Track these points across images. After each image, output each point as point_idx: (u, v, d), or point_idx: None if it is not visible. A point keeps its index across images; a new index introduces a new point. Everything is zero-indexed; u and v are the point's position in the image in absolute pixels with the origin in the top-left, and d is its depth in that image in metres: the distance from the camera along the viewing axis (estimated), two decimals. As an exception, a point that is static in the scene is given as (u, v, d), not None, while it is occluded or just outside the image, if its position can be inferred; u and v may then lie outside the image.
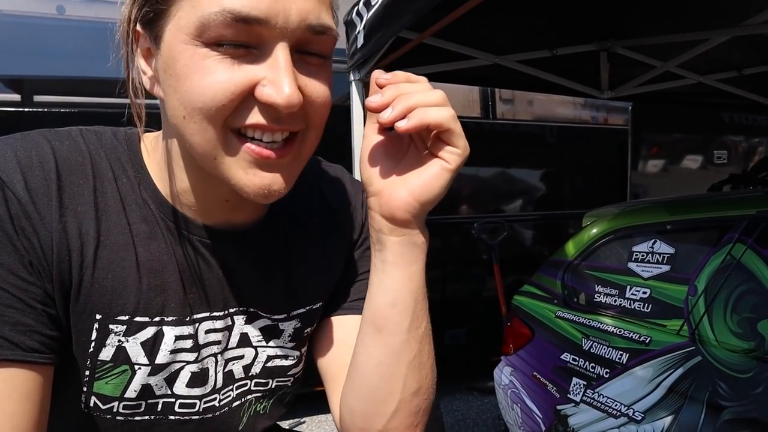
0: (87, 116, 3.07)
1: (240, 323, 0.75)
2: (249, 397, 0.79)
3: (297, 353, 0.80)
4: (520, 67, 3.06)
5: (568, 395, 1.94)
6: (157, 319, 0.67)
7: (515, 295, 2.41)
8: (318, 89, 0.60)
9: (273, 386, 0.80)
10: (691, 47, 3.09)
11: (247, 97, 0.56)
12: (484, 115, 4.23)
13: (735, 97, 3.91)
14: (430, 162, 0.63)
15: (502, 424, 3.00)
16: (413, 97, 0.60)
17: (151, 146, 0.69)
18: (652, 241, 1.91)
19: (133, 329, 0.66)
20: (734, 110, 4.79)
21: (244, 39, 0.55)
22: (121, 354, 0.66)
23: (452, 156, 0.62)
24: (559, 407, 1.97)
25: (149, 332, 0.67)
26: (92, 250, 0.63)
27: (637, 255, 1.94)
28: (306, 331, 0.80)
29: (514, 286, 2.69)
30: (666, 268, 1.83)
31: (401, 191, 0.64)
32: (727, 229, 1.70)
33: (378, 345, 0.69)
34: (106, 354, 0.65)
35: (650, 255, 1.90)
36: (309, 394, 1.64)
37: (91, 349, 0.65)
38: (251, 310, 0.75)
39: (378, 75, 0.63)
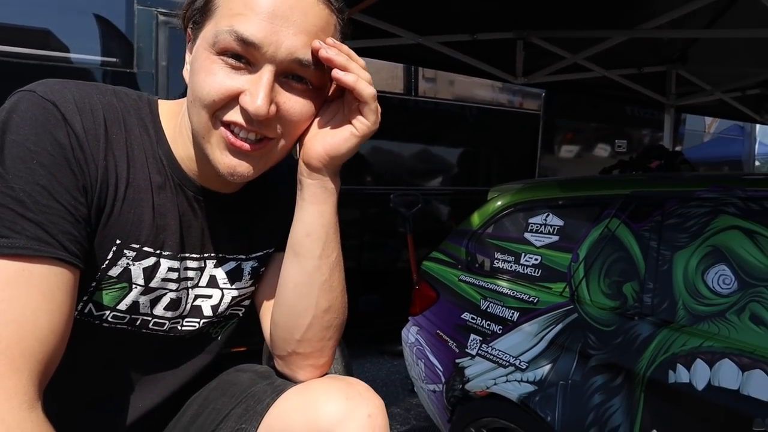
0: None
1: (210, 266, 0.92)
2: (209, 324, 0.96)
3: (252, 289, 0.98)
4: (441, 49, 3.22)
5: (466, 350, 2.16)
6: (158, 251, 0.83)
7: (424, 260, 2.61)
8: (294, 108, 0.77)
9: (228, 314, 0.98)
10: (597, 43, 3.38)
11: (234, 99, 0.74)
12: (406, 92, 4.40)
13: (635, 92, 4.28)
14: (343, 127, 0.81)
15: (410, 383, 3.23)
16: (356, 64, 0.78)
17: (169, 114, 0.85)
18: (546, 214, 2.15)
19: (140, 256, 0.81)
20: (635, 104, 5.22)
21: (242, 54, 0.72)
22: (125, 274, 0.81)
23: (362, 126, 0.80)
24: (457, 360, 2.19)
25: (150, 261, 0.83)
26: (123, 187, 0.78)
27: (532, 226, 2.17)
28: (261, 269, 0.98)
29: (426, 256, 2.89)
30: (555, 238, 2.07)
31: (317, 145, 0.82)
32: (606, 205, 1.95)
33: (295, 268, 0.87)
34: (115, 271, 0.80)
35: (543, 226, 2.13)
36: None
37: (104, 266, 0.79)
38: (220, 255, 0.92)
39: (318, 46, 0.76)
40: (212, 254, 0.91)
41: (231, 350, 1.08)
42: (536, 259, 2.10)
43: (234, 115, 0.74)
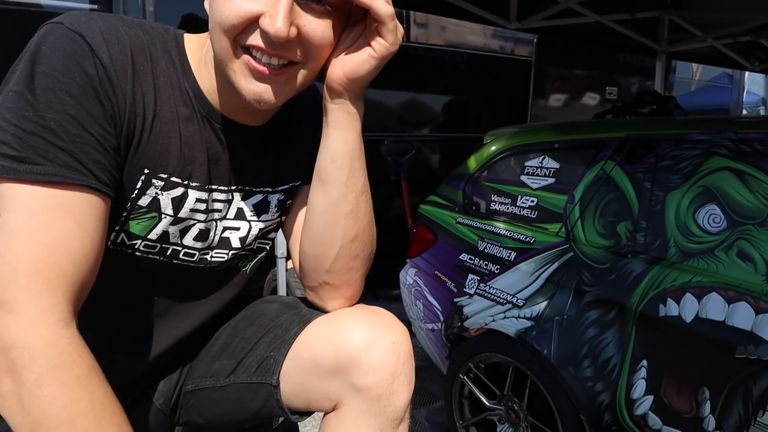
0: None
1: (237, 199, 0.94)
2: (237, 256, 0.99)
3: (278, 221, 1.01)
4: (435, -8, 3.20)
5: (464, 289, 2.24)
6: (185, 182, 0.85)
7: (421, 204, 2.66)
8: (315, 30, 0.76)
9: (255, 247, 1.01)
10: (591, -14, 3.36)
11: (253, 23, 0.73)
12: (399, 38, 4.35)
13: (627, 38, 4.28)
14: (363, 49, 0.80)
15: (408, 325, 3.32)
16: None
17: (194, 47, 0.85)
18: (542, 157, 2.20)
19: (168, 186, 0.83)
20: (627, 50, 5.21)
21: None
22: (154, 203, 0.83)
23: (380, 47, 0.79)
24: (455, 300, 2.27)
25: (179, 191, 0.85)
26: (150, 118, 0.79)
27: (528, 169, 2.23)
28: (288, 202, 1.01)
29: (420, 202, 2.94)
30: (551, 180, 2.13)
31: (337, 69, 0.81)
32: (601, 148, 2.00)
33: (322, 195, 0.89)
34: (144, 201, 0.82)
35: (539, 169, 2.18)
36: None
37: (134, 195, 0.81)
38: (247, 188, 0.94)
39: None
40: (239, 187, 0.93)
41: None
42: (533, 201, 2.16)
43: (255, 39, 0.74)
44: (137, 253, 0.87)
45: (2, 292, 0.66)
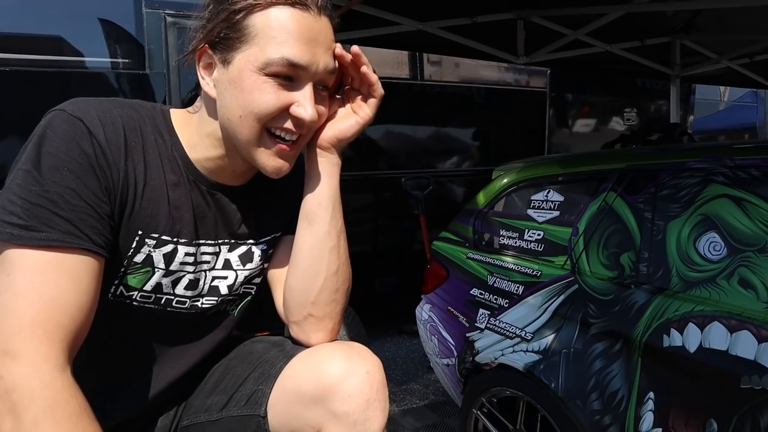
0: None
1: (224, 251, 1.05)
2: (225, 301, 1.10)
3: (262, 267, 1.12)
4: (442, 33, 3.29)
5: (475, 324, 2.26)
6: (174, 239, 0.97)
7: (434, 240, 2.70)
8: (321, 111, 0.95)
9: (241, 292, 1.12)
10: (597, 18, 3.41)
11: (285, 111, 0.89)
12: (412, 76, 4.46)
13: (639, 65, 4.29)
14: (349, 117, 1.01)
15: (427, 360, 3.34)
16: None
17: (181, 122, 0.98)
18: (547, 190, 2.23)
19: (159, 244, 0.95)
20: (641, 76, 5.21)
21: (290, 74, 0.88)
22: (148, 259, 0.95)
23: (365, 115, 1.01)
24: (468, 334, 2.29)
25: (169, 247, 0.96)
26: (141, 186, 0.91)
27: (534, 203, 2.26)
28: (270, 251, 1.12)
29: (437, 236, 2.98)
30: (556, 213, 2.15)
31: (329, 131, 1.00)
32: (603, 180, 2.02)
33: (309, 233, 1.01)
34: (139, 258, 0.94)
35: (545, 203, 2.21)
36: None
37: (130, 253, 0.93)
38: (232, 241, 1.06)
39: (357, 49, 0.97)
40: (225, 240, 1.04)
41: (255, 335, 1.21)
42: (539, 235, 2.18)
43: (284, 123, 0.90)
44: (134, 303, 0.97)
45: (8, 342, 0.74)
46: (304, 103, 0.88)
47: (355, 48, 0.93)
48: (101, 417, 0.79)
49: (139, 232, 0.92)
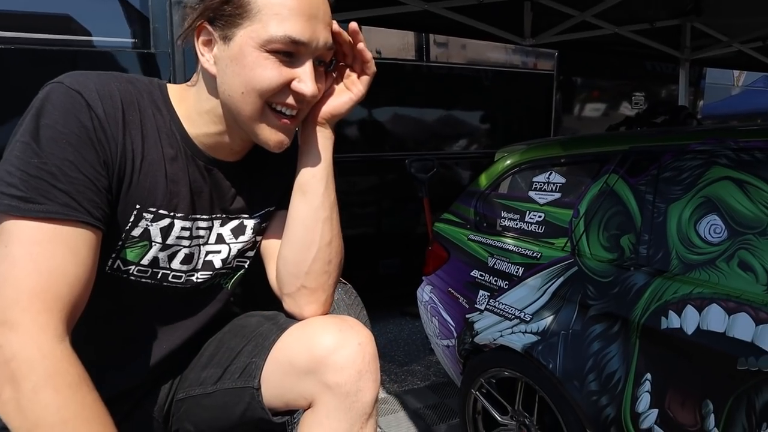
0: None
1: (217, 225, 1.06)
2: (218, 275, 1.11)
3: (254, 241, 1.13)
4: (448, 14, 3.26)
5: (475, 305, 2.26)
6: (171, 213, 0.97)
7: (436, 222, 2.70)
8: (320, 86, 0.96)
9: (234, 265, 1.13)
10: (604, -1, 3.37)
11: (286, 87, 0.91)
12: (418, 58, 4.42)
13: (648, 48, 4.24)
14: (343, 94, 1.03)
15: (429, 341, 3.36)
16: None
17: (178, 97, 0.98)
18: (549, 172, 2.22)
19: (156, 218, 0.96)
20: (650, 59, 5.15)
21: (292, 51, 0.89)
22: (145, 233, 0.96)
23: (358, 92, 1.02)
24: (467, 316, 2.29)
25: (166, 222, 0.97)
26: (139, 160, 0.91)
27: (536, 184, 2.25)
28: (263, 225, 1.13)
29: (437, 218, 2.98)
30: (557, 195, 2.14)
31: (324, 107, 1.02)
32: (605, 161, 2.00)
33: (303, 204, 1.03)
34: (137, 232, 0.95)
35: (546, 184, 2.20)
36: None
37: (128, 227, 0.93)
38: (224, 215, 1.06)
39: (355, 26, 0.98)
40: (218, 215, 1.05)
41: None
42: (540, 216, 2.18)
43: (286, 98, 0.91)
44: (131, 278, 0.98)
45: (6, 312, 0.75)
46: (305, 79, 0.90)
47: (353, 25, 0.93)
48: (97, 388, 0.80)
49: (137, 206, 0.93)
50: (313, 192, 1.02)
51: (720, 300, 1.51)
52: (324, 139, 1.03)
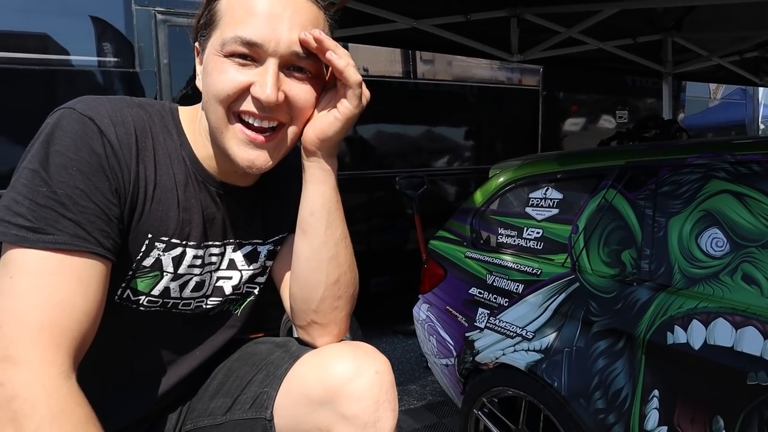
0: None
1: (229, 251, 1.02)
2: (228, 301, 1.07)
3: (265, 266, 1.09)
4: (436, 31, 3.27)
5: (475, 323, 2.24)
6: (184, 242, 0.93)
7: (431, 239, 2.68)
8: (299, 94, 0.88)
9: (244, 291, 1.08)
10: (590, 16, 3.41)
11: (245, 92, 0.84)
12: (405, 75, 4.44)
13: (631, 63, 4.30)
14: (328, 113, 0.91)
15: (424, 360, 3.33)
16: (343, 52, 0.88)
17: (188, 118, 0.94)
18: (545, 188, 2.21)
19: (169, 247, 0.92)
20: (632, 74, 5.22)
21: (248, 53, 0.83)
22: (157, 263, 0.92)
23: (344, 109, 0.90)
24: (467, 334, 2.27)
25: (178, 251, 0.93)
26: (152, 188, 0.87)
27: (533, 200, 2.24)
28: (275, 251, 1.09)
29: (433, 235, 2.96)
30: (555, 211, 2.14)
31: (310, 131, 0.92)
32: (603, 177, 2.01)
33: (304, 244, 0.98)
34: (148, 262, 0.91)
35: (543, 200, 2.20)
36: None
37: (139, 257, 0.89)
38: (238, 241, 1.02)
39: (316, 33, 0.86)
40: (231, 240, 1.01)
41: (249, 336, 1.18)
42: (538, 233, 2.17)
43: (247, 105, 0.84)
44: (141, 308, 0.95)
45: (9, 347, 0.71)
46: (262, 83, 0.82)
47: (315, 32, 0.84)
48: (103, 421, 0.76)
49: (149, 236, 0.89)
50: (313, 232, 0.96)
51: (726, 314, 1.51)
52: (319, 170, 0.95)
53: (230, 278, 1.04)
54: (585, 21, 3.44)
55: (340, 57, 0.86)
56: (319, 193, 0.95)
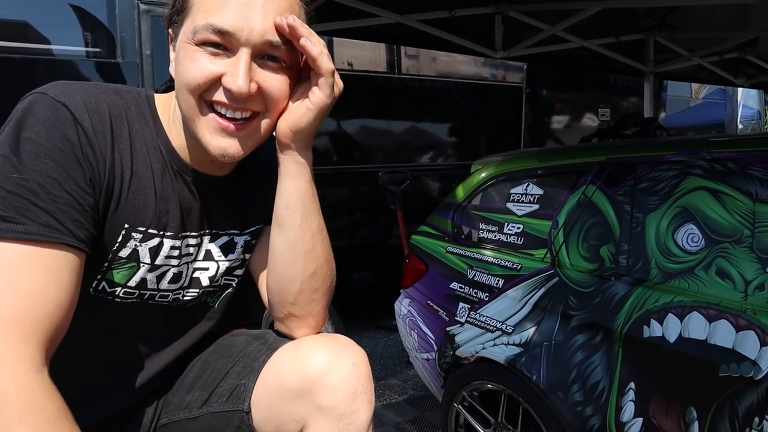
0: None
1: (206, 242, 1.00)
2: (205, 293, 1.06)
3: (243, 258, 1.07)
4: (421, 26, 3.28)
5: (456, 318, 2.25)
6: (161, 232, 0.92)
7: (413, 234, 2.69)
8: (273, 84, 0.85)
9: (222, 283, 1.07)
10: (574, 14, 3.43)
11: (217, 82, 0.82)
12: (389, 70, 4.44)
13: (614, 61, 4.34)
14: (301, 103, 0.89)
15: (406, 355, 3.34)
16: (318, 40, 0.85)
17: (163, 106, 0.92)
18: (526, 184, 2.23)
19: (146, 238, 0.90)
20: (615, 72, 5.28)
21: (220, 42, 0.80)
22: (134, 254, 0.90)
23: (315, 99, 0.87)
24: (448, 329, 2.28)
25: (155, 241, 0.91)
26: (128, 177, 0.86)
27: (513, 196, 2.26)
28: (252, 242, 1.07)
29: (414, 230, 2.97)
30: (536, 206, 2.16)
31: (283, 122, 0.90)
32: (582, 173, 2.03)
33: (280, 238, 0.97)
34: (124, 252, 0.89)
35: (524, 196, 2.22)
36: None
37: (115, 248, 0.88)
38: (214, 231, 1.01)
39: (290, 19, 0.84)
40: (208, 231, 1.00)
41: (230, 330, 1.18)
42: (518, 228, 2.19)
43: (219, 96, 0.82)
44: (116, 299, 0.93)
45: None
46: (232, 73, 0.80)
47: (289, 19, 0.81)
48: (78, 417, 0.75)
49: (126, 226, 0.87)
50: (288, 225, 0.95)
51: (700, 308, 1.54)
52: (293, 163, 0.93)
53: (207, 269, 1.03)
54: (569, 19, 3.47)
55: (314, 44, 0.84)
56: (293, 186, 0.94)
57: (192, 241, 0.98)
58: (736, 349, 1.44)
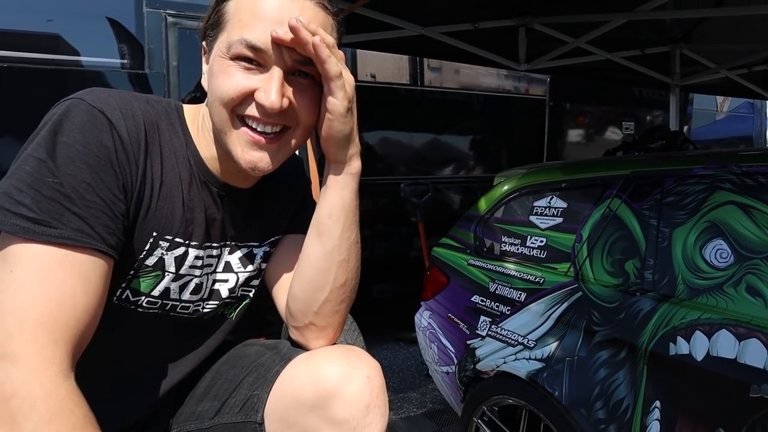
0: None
1: (225, 253, 1.01)
2: (224, 305, 1.06)
3: (260, 269, 1.08)
4: (444, 39, 3.28)
5: (476, 331, 2.23)
6: (186, 242, 0.93)
7: (434, 247, 2.68)
8: (304, 100, 0.87)
9: (239, 294, 1.07)
10: (598, 26, 3.41)
11: (249, 96, 0.84)
12: (412, 82, 4.45)
13: (639, 74, 4.30)
14: (325, 113, 0.88)
15: (425, 368, 3.31)
16: (331, 46, 0.84)
17: (191, 117, 0.94)
18: (550, 197, 2.21)
19: (172, 246, 0.91)
20: (640, 85, 5.22)
21: (253, 58, 0.82)
22: (160, 262, 0.91)
23: (331, 105, 0.86)
24: (468, 342, 2.26)
25: (181, 250, 0.93)
26: (158, 185, 0.87)
27: (537, 209, 2.24)
28: (270, 252, 1.08)
29: (436, 242, 2.96)
30: (559, 220, 2.13)
31: (321, 134, 0.90)
32: (607, 186, 2.00)
33: (318, 246, 0.96)
34: (151, 261, 0.90)
35: (547, 209, 2.19)
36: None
37: (142, 256, 0.88)
38: (235, 243, 1.02)
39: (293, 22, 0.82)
40: (228, 242, 1.01)
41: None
42: (542, 241, 2.16)
43: (251, 110, 0.84)
44: (139, 309, 0.93)
45: (7, 344, 0.69)
46: (265, 88, 0.82)
47: (292, 21, 0.80)
48: None
49: (154, 234, 0.88)
50: (329, 234, 0.95)
51: (729, 325, 1.50)
52: (339, 174, 0.94)
53: (226, 281, 1.03)
54: (593, 31, 3.44)
55: (324, 48, 0.82)
56: (339, 197, 0.94)
57: (213, 252, 0.99)
58: (767, 370, 1.40)
